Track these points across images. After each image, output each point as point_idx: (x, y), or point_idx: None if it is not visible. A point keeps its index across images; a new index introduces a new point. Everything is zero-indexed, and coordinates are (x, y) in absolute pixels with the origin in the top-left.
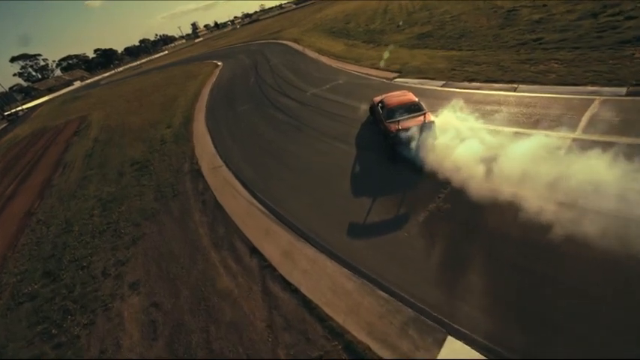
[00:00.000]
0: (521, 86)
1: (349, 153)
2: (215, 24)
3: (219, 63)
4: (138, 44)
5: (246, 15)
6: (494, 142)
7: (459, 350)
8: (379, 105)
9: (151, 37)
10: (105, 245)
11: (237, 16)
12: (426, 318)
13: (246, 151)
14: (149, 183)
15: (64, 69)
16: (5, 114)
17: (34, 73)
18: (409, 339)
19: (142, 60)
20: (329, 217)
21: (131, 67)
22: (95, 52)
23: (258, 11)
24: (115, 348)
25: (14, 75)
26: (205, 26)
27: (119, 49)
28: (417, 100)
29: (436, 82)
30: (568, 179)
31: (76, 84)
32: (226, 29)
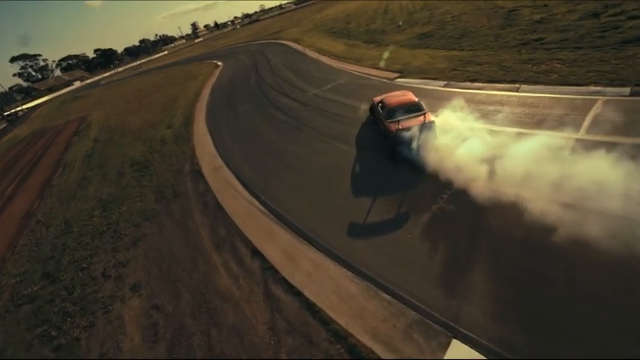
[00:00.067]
0: (524, 86)
1: (349, 153)
2: (215, 24)
3: (219, 63)
4: (138, 44)
5: (246, 15)
6: (496, 143)
7: (464, 354)
8: (379, 105)
9: (151, 38)
10: (105, 246)
11: (237, 17)
12: (431, 321)
13: (247, 152)
14: (149, 184)
15: (63, 69)
16: (5, 114)
17: (33, 73)
18: (413, 342)
19: (142, 60)
20: (329, 217)
21: (131, 67)
22: (95, 52)
23: (258, 11)
24: (116, 351)
25: (14, 75)
26: (205, 26)
27: (119, 49)
28: (417, 100)
29: (438, 82)
30: (572, 180)
31: (76, 84)
32: (226, 29)
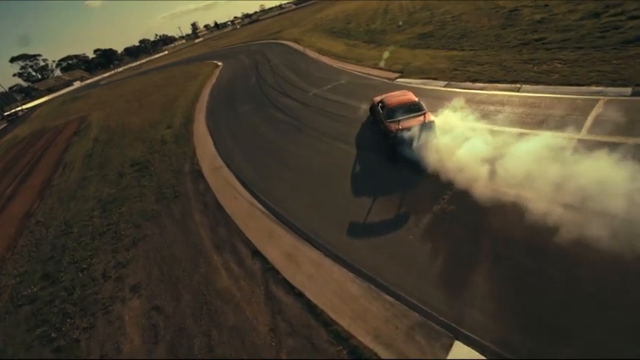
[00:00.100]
0: (525, 86)
1: (350, 153)
2: (215, 24)
3: (219, 63)
4: (138, 44)
5: (246, 15)
6: (498, 143)
7: (467, 356)
8: (379, 105)
9: (151, 38)
10: (105, 247)
11: (237, 17)
12: (433, 322)
13: (247, 152)
14: (149, 184)
15: (63, 69)
16: (5, 114)
17: (33, 73)
18: (416, 344)
19: (142, 60)
20: (329, 217)
21: (131, 67)
22: (95, 52)
23: (258, 11)
24: (116, 352)
25: (14, 75)
26: (205, 26)
27: (119, 49)
28: (417, 100)
29: (438, 82)
30: (574, 180)
31: (76, 84)
32: (226, 29)
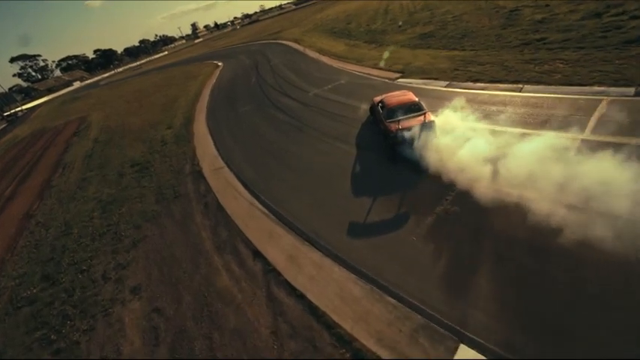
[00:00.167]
0: (527, 86)
1: (350, 153)
2: (215, 24)
3: (219, 63)
4: (138, 45)
5: (246, 15)
6: (500, 143)
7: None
8: (379, 105)
9: (151, 38)
10: (105, 248)
11: (237, 17)
12: (437, 325)
13: (248, 152)
14: (150, 184)
15: (63, 69)
16: (4, 114)
17: (33, 73)
18: (419, 347)
19: (142, 60)
20: (329, 217)
21: (131, 67)
22: (95, 52)
23: (258, 12)
24: (116, 354)
25: (14, 75)
26: (205, 27)
27: (119, 49)
28: (417, 100)
29: (440, 82)
30: (578, 180)
31: (76, 84)
32: (226, 30)
